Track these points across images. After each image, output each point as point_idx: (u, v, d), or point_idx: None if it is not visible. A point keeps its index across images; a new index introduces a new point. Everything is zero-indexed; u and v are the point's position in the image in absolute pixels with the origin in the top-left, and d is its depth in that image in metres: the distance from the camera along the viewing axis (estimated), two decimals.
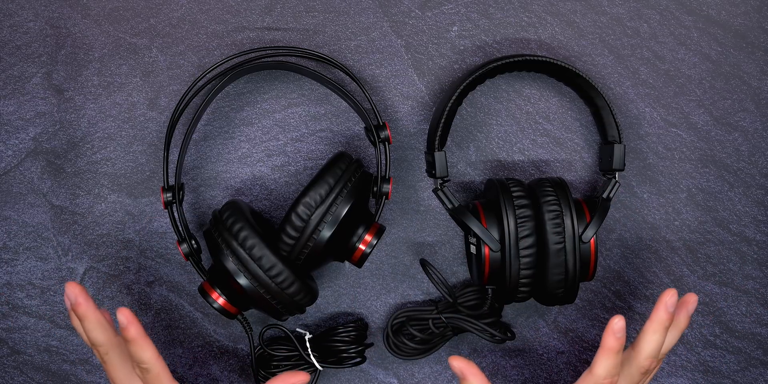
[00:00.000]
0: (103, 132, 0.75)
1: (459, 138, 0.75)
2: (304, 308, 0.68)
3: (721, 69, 0.76)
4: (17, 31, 0.75)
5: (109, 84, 0.75)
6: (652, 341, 0.62)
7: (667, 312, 0.61)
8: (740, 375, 0.76)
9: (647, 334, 0.62)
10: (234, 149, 0.75)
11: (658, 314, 0.62)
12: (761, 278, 0.76)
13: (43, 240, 0.75)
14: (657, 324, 0.62)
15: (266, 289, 0.64)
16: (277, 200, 0.75)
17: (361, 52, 0.75)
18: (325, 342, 0.72)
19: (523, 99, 0.76)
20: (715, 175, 0.76)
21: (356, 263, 0.69)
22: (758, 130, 0.76)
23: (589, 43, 0.76)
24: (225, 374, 0.75)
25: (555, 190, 0.67)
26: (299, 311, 0.68)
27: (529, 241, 0.65)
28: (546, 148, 0.76)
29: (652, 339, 0.62)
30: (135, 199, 0.75)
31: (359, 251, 0.68)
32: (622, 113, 0.76)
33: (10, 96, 0.75)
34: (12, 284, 0.75)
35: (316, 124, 0.75)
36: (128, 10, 0.75)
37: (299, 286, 0.65)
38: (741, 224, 0.76)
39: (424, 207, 0.75)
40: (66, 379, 0.74)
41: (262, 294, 0.65)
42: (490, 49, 0.76)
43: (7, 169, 0.75)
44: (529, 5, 0.76)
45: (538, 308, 0.75)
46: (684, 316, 0.64)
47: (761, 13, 0.76)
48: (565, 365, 0.76)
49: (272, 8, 0.75)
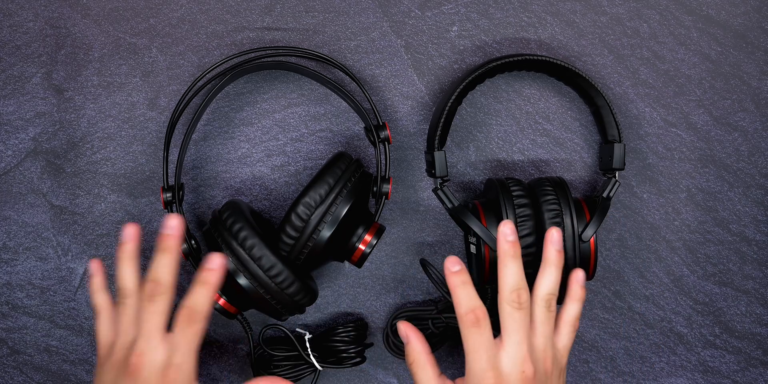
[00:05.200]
0: (103, 132, 0.75)
1: (459, 138, 0.75)
2: (304, 308, 0.68)
3: (721, 69, 0.76)
4: (17, 31, 0.75)
5: (109, 84, 0.75)
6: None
7: (555, 249, 0.62)
8: (740, 375, 0.76)
9: (539, 274, 0.62)
10: (234, 149, 0.75)
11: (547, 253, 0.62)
12: (761, 278, 0.76)
13: (43, 240, 0.75)
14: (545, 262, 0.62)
15: (266, 289, 0.64)
16: (277, 200, 0.75)
17: (361, 52, 0.75)
18: (325, 342, 0.72)
19: (523, 99, 0.76)
20: (715, 175, 0.76)
21: (356, 263, 0.69)
22: (758, 130, 0.76)
23: (589, 43, 0.76)
24: (225, 374, 0.75)
25: (555, 189, 0.67)
26: (299, 311, 0.68)
27: (529, 240, 0.65)
28: (546, 148, 0.76)
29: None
30: (135, 199, 0.75)
31: (359, 251, 0.68)
32: (622, 113, 0.76)
33: (10, 96, 0.75)
34: (12, 284, 0.75)
35: (316, 124, 0.75)
36: (128, 10, 0.75)
37: (299, 286, 0.65)
38: (741, 224, 0.76)
39: (424, 207, 0.75)
40: (66, 379, 0.74)
41: (261, 294, 0.65)
42: (490, 49, 0.76)
43: (7, 169, 0.75)
44: (529, 5, 0.76)
45: None
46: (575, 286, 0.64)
47: (761, 13, 0.76)
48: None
49: (272, 8, 0.75)
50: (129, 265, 0.61)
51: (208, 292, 0.58)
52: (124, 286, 0.60)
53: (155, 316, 0.58)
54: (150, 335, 0.57)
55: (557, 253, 0.62)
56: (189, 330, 0.57)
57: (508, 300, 0.59)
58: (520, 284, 0.60)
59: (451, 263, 0.60)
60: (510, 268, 0.60)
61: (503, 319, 0.59)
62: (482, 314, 0.59)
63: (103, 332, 0.61)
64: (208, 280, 0.58)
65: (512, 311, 0.59)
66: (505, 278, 0.60)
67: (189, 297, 0.58)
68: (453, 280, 0.60)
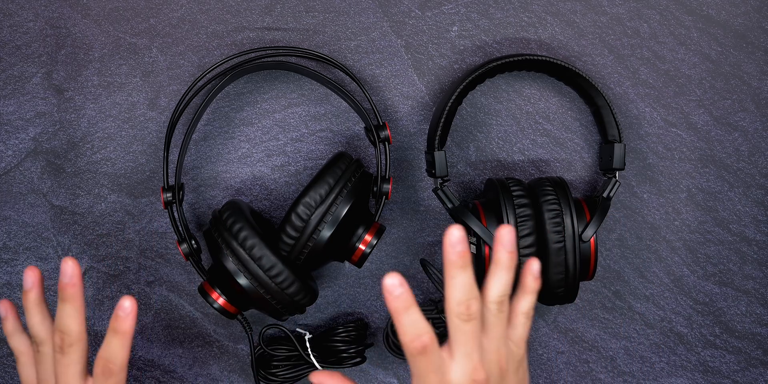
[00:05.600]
0: (103, 132, 0.75)
1: (459, 138, 0.75)
2: (304, 308, 0.68)
3: (721, 69, 0.76)
4: (17, 31, 0.75)
5: (109, 84, 0.75)
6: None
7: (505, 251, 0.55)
8: (740, 375, 0.76)
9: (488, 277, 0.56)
10: (234, 149, 0.75)
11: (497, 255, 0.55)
12: (761, 278, 0.76)
13: (43, 240, 0.75)
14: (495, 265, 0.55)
15: (266, 289, 0.64)
16: (277, 200, 0.75)
17: (361, 52, 0.75)
18: (325, 342, 0.72)
19: (523, 99, 0.76)
20: (715, 175, 0.76)
21: (356, 263, 0.69)
22: (758, 130, 0.76)
23: (589, 43, 0.76)
24: (225, 374, 0.75)
25: (555, 189, 0.67)
26: (299, 311, 0.68)
27: (529, 240, 0.65)
28: (546, 148, 0.76)
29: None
30: (135, 199, 0.75)
31: (359, 251, 0.68)
32: (622, 113, 0.76)
33: (10, 96, 0.75)
34: (12, 284, 0.75)
35: (316, 124, 0.75)
36: (128, 10, 0.75)
37: (299, 286, 0.65)
38: (741, 224, 0.76)
39: (424, 207, 0.75)
40: None
41: (262, 294, 0.65)
42: (490, 49, 0.76)
43: (7, 169, 0.75)
44: (529, 5, 0.76)
45: (538, 308, 0.75)
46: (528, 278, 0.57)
47: (761, 13, 0.76)
48: (565, 365, 0.76)
49: (272, 8, 0.75)
50: (37, 313, 0.58)
51: (122, 340, 0.55)
52: (35, 334, 0.58)
53: (70, 367, 0.56)
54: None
55: (508, 255, 0.56)
56: (108, 382, 0.56)
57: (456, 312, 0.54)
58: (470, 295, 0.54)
59: (392, 285, 0.52)
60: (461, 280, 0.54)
61: (451, 331, 0.55)
62: (429, 340, 0.53)
63: (25, 377, 0.60)
64: (121, 329, 0.55)
65: (461, 323, 0.54)
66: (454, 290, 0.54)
67: (103, 348, 0.56)
68: (394, 305, 0.52)
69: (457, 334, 0.54)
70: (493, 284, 0.56)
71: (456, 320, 0.54)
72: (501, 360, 0.56)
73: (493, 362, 0.56)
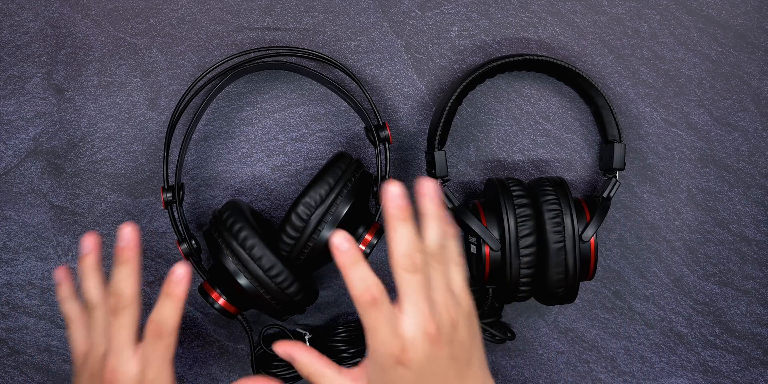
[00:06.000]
0: (103, 132, 0.75)
1: (459, 138, 0.75)
2: (304, 308, 0.68)
3: (721, 69, 0.76)
4: (17, 31, 0.75)
5: (109, 84, 0.75)
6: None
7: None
8: (740, 375, 0.76)
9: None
10: (234, 149, 0.75)
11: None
12: (761, 278, 0.76)
13: (43, 240, 0.75)
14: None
15: (266, 289, 0.64)
16: (277, 200, 0.75)
17: (361, 52, 0.75)
18: (325, 342, 0.72)
19: (523, 99, 0.76)
20: (715, 175, 0.76)
21: None
22: (758, 130, 0.76)
23: (589, 43, 0.76)
24: (225, 374, 0.75)
25: (555, 189, 0.67)
26: (299, 311, 0.68)
27: (530, 240, 0.65)
28: (546, 148, 0.76)
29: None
30: (135, 199, 0.75)
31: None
32: (622, 113, 0.76)
33: (10, 96, 0.75)
34: (12, 284, 0.75)
35: (316, 124, 0.75)
36: (128, 10, 0.75)
37: (299, 286, 0.65)
38: (741, 224, 0.76)
39: None
40: (66, 379, 0.74)
41: (262, 294, 0.65)
42: (490, 49, 0.76)
43: (7, 169, 0.75)
44: (529, 5, 0.76)
45: (538, 308, 0.75)
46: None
47: (761, 13, 0.76)
48: (565, 365, 0.76)
49: (272, 8, 0.75)
50: (93, 277, 0.60)
51: (175, 304, 0.57)
52: (89, 298, 0.60)
53: (122, 330, 0.57)
54: (120, 350, 0.57)
55: (433, 206, 0.56)
56: (159, 344, 0.57)
57: (402, 265, 0.54)
58: (415, 247, 0.54)
59: (339, 240, 0.53)
60: (402, 232, 0.54)
61: (399, 285, 0.55)
62: (378, 292, 0.54)
63: (77, 341, 0.61)
64: (174, 292, 0.57)
65: (407, 275, 0.54)
66: (398, 242, 0.54)
67: (155, 311, 0.57)
68: (341, 259, 0.54)
69: (405, 286, 0.55)
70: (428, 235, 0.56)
71: (402, 273, 0.54)
72: (450, 312, 0.56)
73: (443, 314, 0.55)
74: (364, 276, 0.54)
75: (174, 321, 0.57)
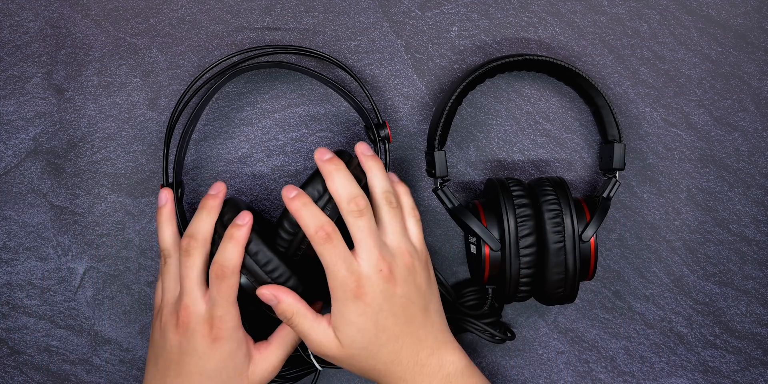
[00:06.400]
0: (103, 132, 0.75)
1: (459, 138, 0.75)
2: None
3: (721, 69, 0.76)
4: (17, 31, 0.75)
5: (109, 84, 0.75)
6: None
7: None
8: (740, 375, 0.76)
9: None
10: (234, 149, 0.75)
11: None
12: (761, 278, 0.76)
13: (43, 240, 0.75)
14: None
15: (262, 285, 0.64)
16: (277, 200, 0.75)
17: (361, 52, 0.75)
18: None
19: (523, 99, 0.76)
20: (715, 175, 0.76)
21: None
22: (758, 130, 0.76)
23: (589, 43, 0.76)
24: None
25: (555, 189, 0.67)
26: None
27: (529, 240, 0.65)
28: (546, 148, 0.76)
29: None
30: (135, 199, 0.75)
31: None
32: (622, 113, 0.76)
33: (10, 96, 0.75)
34: (12, 284, 0.75)
35: (316, 124, 0.75)
36: (128, 10, 0.75)
37: (296, 282, 0.65)
38: (741, 224, 0.76)
39: (424, 207, 0.75)
40: (66, 379, 0.74)
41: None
42: (490, 49, 0.76)
43: (7, 169, 0.75)
44: (529, 5, 0.76)
45: (538, 308, 0.75)
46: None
47: (761, 13, 0.76)
48: (565, 365, 0.76)
49: (272, 8, 0.75)
50: (168, 226, 0.65)
51: (236, 246, 0.61)
52: (163, 246, 0.65)
53: (192, 270, 0.62)
54: (191, 289, 0.62)
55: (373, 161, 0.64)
56: (223, 284, 0.61)
57: (348, 210, 0.60)
58: (355, 192, 0.61)
59: (287, 190, 0.61)
60: (339, 180, 0.61)
61: (351, 230, 0.60)
62: (331, 229, 0.60)
63: (158, 290, 0.67)
64: (236, 235, 0.61)
65: (355, 220, 0.60)
66: (339, 190, 0.61)
67: (218, 253, 0.61)
68: (293, 204, 0.60)
69: (355, 231, 0.60)
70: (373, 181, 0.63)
71: (350, 218, 0.60)
72: (405, 255, 0.62)
73: (397, 256, 0.61)
74: (315, 214, 0.60)
75: (235, 262, 0.61)
